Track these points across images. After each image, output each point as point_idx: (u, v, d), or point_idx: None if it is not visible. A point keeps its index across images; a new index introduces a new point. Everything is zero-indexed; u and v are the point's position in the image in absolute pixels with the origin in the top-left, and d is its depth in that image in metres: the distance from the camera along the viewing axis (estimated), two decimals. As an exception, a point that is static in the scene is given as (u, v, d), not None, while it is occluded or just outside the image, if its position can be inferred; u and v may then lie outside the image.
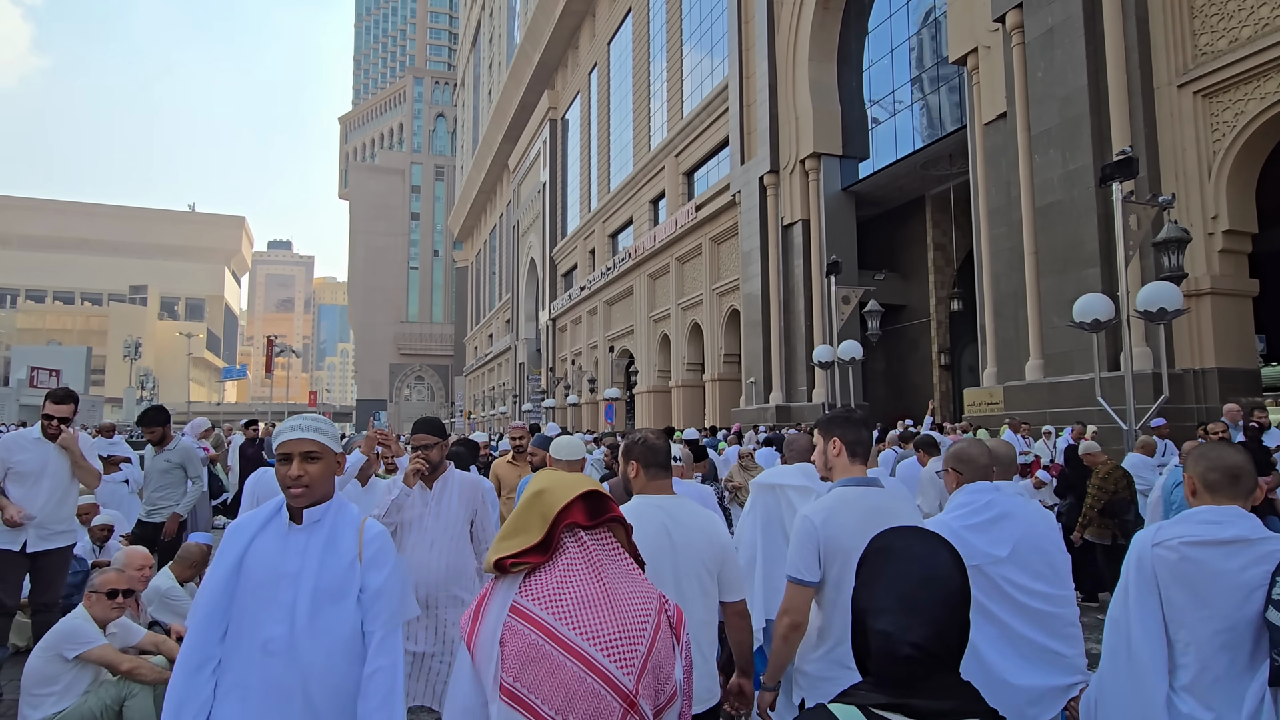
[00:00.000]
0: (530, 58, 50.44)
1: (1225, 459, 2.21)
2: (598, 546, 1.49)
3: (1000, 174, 14.99)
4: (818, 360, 12.96)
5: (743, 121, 24.44)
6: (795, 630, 2.41)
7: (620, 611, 1.41)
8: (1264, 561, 2.09)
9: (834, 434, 2.62)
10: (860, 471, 2.58)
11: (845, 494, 2.49)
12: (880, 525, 1.67)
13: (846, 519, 2.41)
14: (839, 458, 2.60)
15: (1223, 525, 2.13)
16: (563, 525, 1.47)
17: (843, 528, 2.39)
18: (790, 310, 22.29)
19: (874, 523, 2.12)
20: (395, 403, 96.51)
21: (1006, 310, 14.85)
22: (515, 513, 1.53)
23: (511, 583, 1.47)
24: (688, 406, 29.69)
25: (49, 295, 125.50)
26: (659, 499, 2.47)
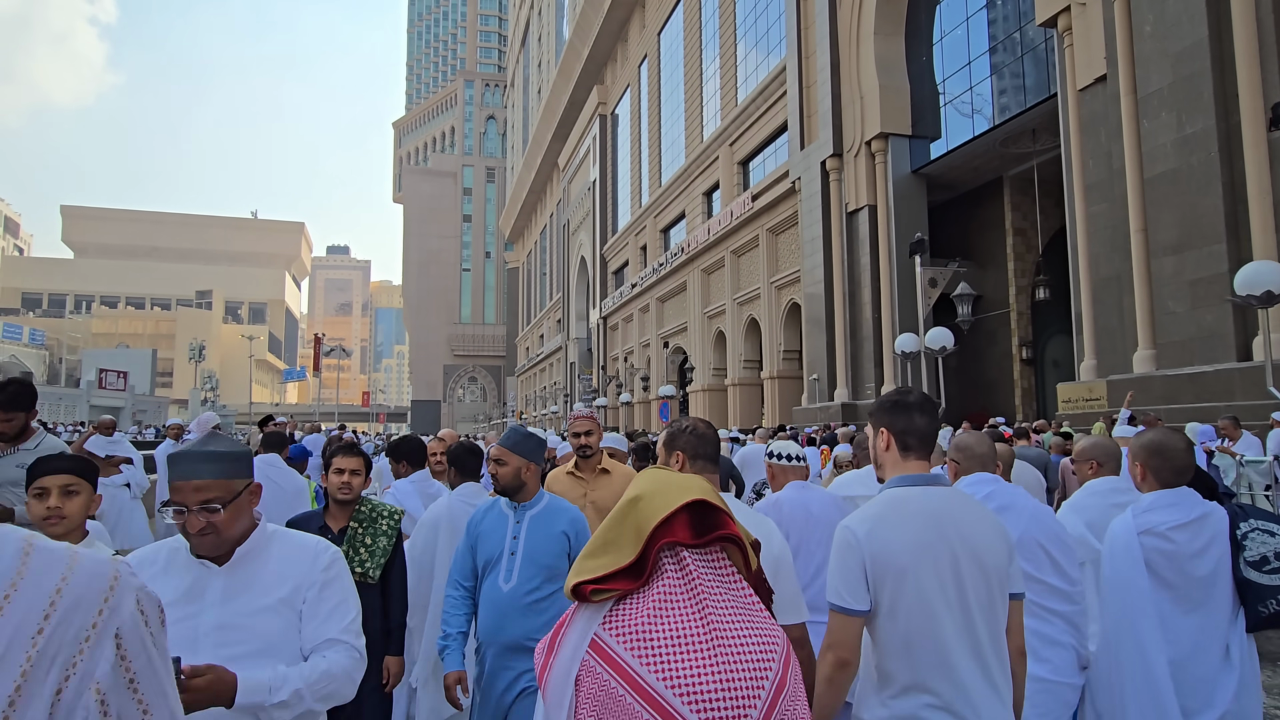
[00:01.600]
0: (579, 53, 49.80)
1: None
2: (706, 571, 1.26)
3: (1099, 144, 13.47)
4: (901, 350, 11.70)
5: (802, 104, 23.13)
6: (842, 670, 1.93)
7: (726, 659, 1.16)
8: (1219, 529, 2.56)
9: (881, 422, 2.13)
10: (916, 468, 2.05)
11: (896, 496, 2.00)
12: (943, 535, 1.86)
13: (898, 528, 1.92)
14: (888, 452, 2.11)
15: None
16: (661, 543, 1.26)
17: (894, 540, 1.91)
18: (856, 302, 20.92)
19: (933, 531, 1.89)
20: (449, 403, 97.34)
21: (1108, 296, 13.33)
22: (605, 523, 1.33)
23: (595, 612, 1.26)
24: (745, 405, 28.47)
25: (121, 301, 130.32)
26: None
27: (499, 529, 2.93)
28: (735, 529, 1.30)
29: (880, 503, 2.00)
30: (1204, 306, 11.09)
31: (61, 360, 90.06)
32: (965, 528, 1.92)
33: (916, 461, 2.06)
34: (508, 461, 2.93)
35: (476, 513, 3.06)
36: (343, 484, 3.10)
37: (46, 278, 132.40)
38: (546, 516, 2.93)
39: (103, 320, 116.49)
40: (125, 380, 54.76)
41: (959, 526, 1.92)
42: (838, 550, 1.98)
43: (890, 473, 2.10)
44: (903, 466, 2.07)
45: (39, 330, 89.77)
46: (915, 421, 2.05)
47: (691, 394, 32.29)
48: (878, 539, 1.91)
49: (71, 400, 50.65)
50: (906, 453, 2.06)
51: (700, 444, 2.23)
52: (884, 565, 1.90)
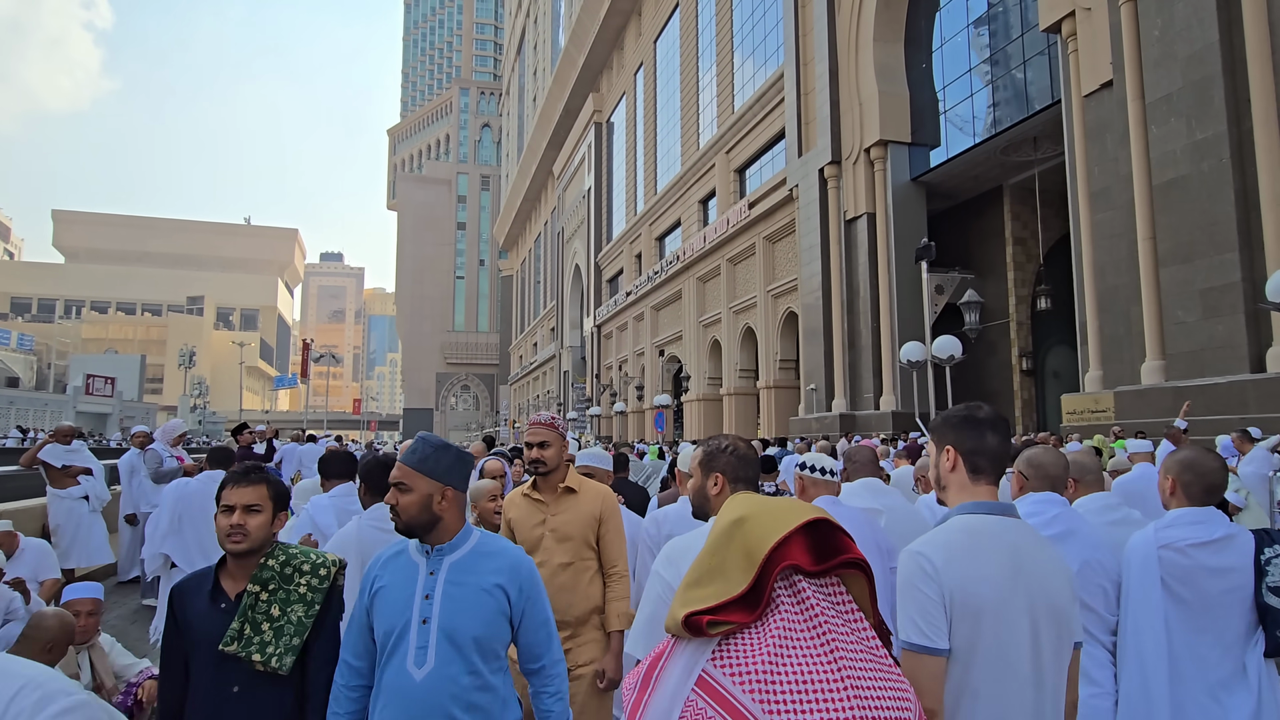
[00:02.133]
0: (575, 60, 49.64)
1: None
2: (825, 605, 1.14)
3: (1105, 151, 13.21)
4: (906, 359, 11.37)
5: (800, 111, 22.89)
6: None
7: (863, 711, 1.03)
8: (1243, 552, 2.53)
9: (947, 439, 1.89)
10: (986, 493, 1.85)
11: (969, 526, 1.77)
12: (1020, 574, 1.67)
13: (977, 562, 1.70)
14: (954, 473, 1.88)
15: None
16: (778, 570, 1.15)
17: (973, 574, 1.69)
18: (854, 311, 20.62)
19: (1011, 569, 1.69)
20: (441, 411, 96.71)
21: (1114, 306, 13.04)
22: (707, 548, 1.22)
23: (702, 646, 1.15)
24: (740, 415, 28.12)
25: (112, 306, 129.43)
26: None
27: (405, 585, 2.03)
28: (858, 552, 1.17)
29: (953, 530, 1.78)
30: (1216, 316, 10.80)
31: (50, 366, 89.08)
32: (1039, 567, 1.75)
33: (986, 486, 1.84)
34: (411, 486, 2.02)
35: (375, 562, 2.13)
36: (232, 527, 2.10)
37: (37, 282, 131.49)
38: (473, 564, 2.06)
39: (93, 325, 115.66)
40: (113, 386, 54.11)
41: (1034, 565, 1.74)
42: (910, 580, 1.73)
43: (956, 497, 1.87)
44: (971, 491, 1.84)
45: (28, 335, 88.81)
46: (988, 441, 1.83)
47: (687, 403, 31.92)
48: (957, 570, 1.70)
49: (58, 406, 49.93)
50: (977, 475, 1.83)
51: (741, 465, 2.01)
52: (963, 602, 1.68)
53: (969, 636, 1.68)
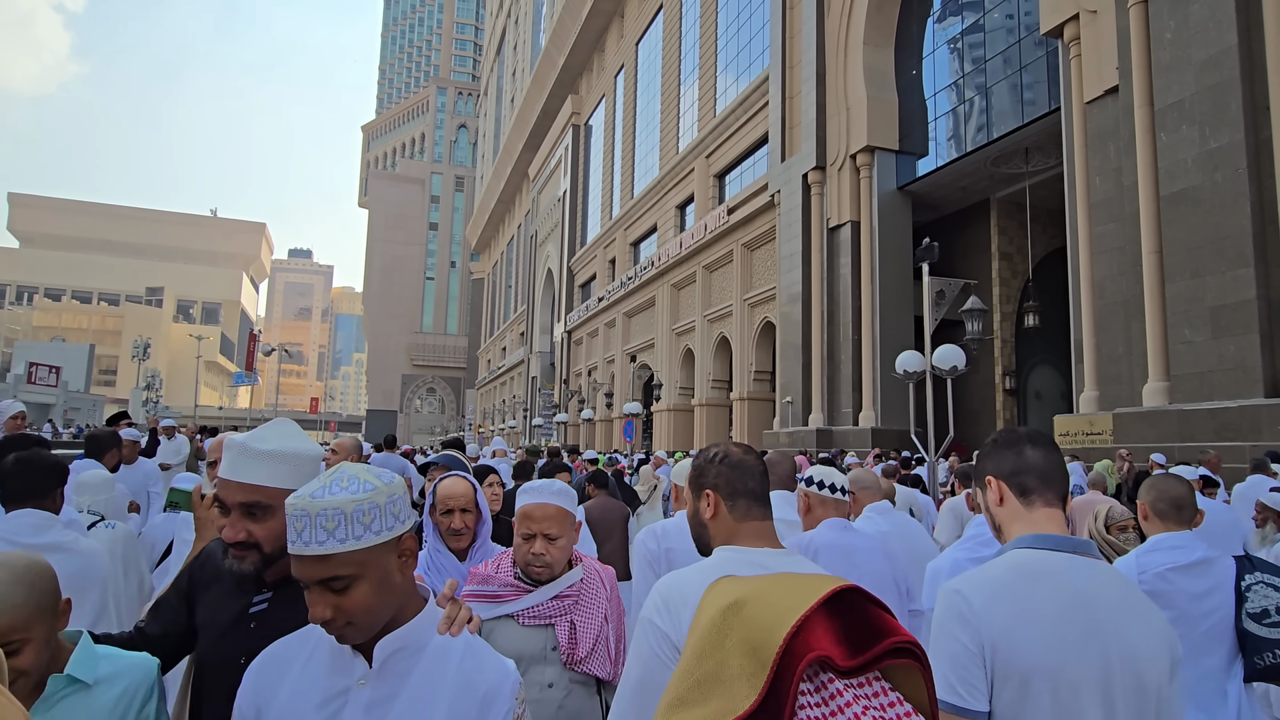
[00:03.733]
0: (555, 61, 48.74)
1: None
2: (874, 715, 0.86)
3: (1108, 160, 12.56)
4: (903, 370, 10.51)
5: (784, 115, 22.17)
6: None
7: None
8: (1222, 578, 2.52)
9: (986, 471, 1.59)
10: (1047, 520, 1.49)
11: (1024, 561, 1.43)
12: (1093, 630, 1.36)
13: (1030, 607, 1.36)
14: (1003, 505, 1.55)
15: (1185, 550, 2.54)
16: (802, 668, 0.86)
17: (1023, 621, 1.35)
18: (835, 322, 19.86)
19: (1080, 622, 1.35)
20: (406, 414, 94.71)
21: (1114, 323, 12.35)
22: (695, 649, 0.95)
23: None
24: (711, 427, 27.22)
25: (67, 294, 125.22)
26: (759, 555, 1.49)
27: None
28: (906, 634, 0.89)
29: (1004, 566, 1.45)
30: (1227, 335, 10.11)
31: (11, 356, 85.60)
32: (1123, 622, 1.37)
33: (1045, 509, 1.53)
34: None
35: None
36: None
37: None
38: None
39: (44, 313, 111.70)
40: (58, 376, 51.60)
41: (1115, 619, 1.37)
42: (945, 624, 1.42)
43: (1013, 530, 1.54)
44: (1028, 519, 1.53)
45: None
46: (1028, 456, 1.56)
47: (657, 413, 30.97)
48: (1001, 615, 1.37)
49: (-5, 395, 47.49)
50: (1028, 497, 1.54)
51: (738, 476, 1.59)
52: (1008, 658, 1.34)
53: (1013, 703, 1.34)
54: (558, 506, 2.14)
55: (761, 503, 1.59)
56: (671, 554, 2.67)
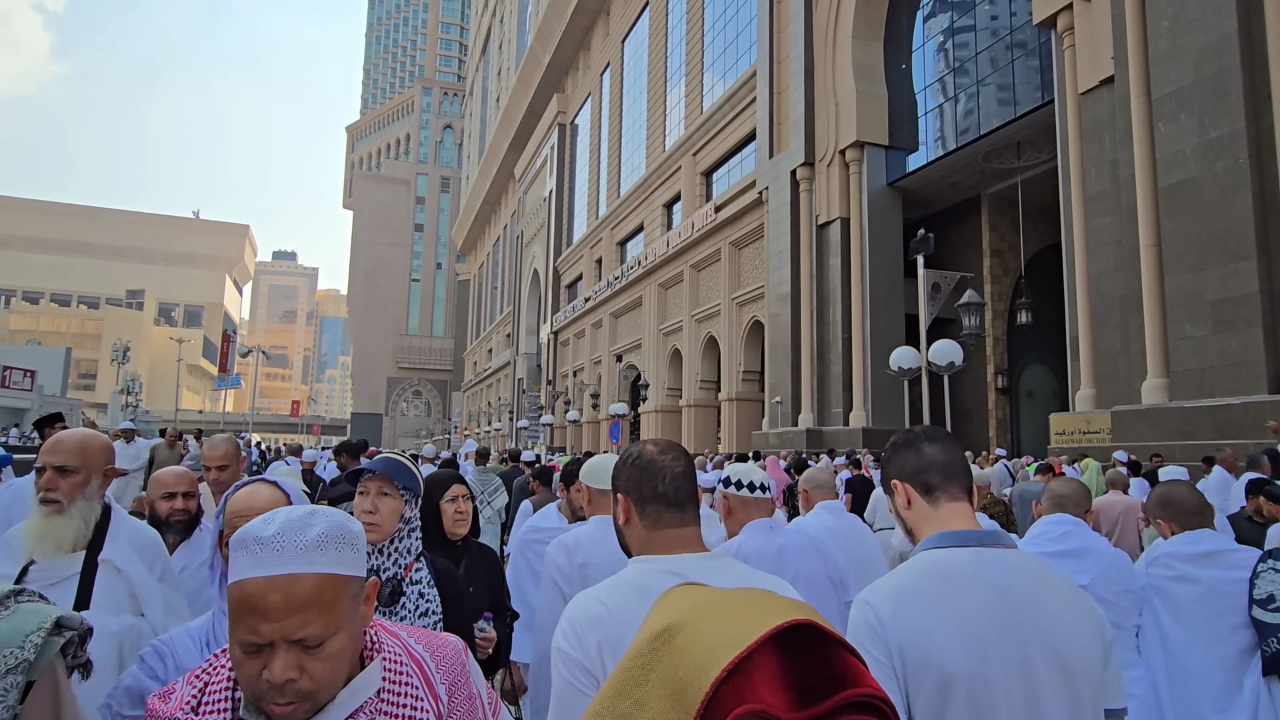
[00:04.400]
0: (540, 60, 48.29)
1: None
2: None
3: (1103, 152, 12.29)
4: (898, 366, 10.16)
5: (773, 111, 21.84)
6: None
7: None
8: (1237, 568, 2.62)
9: (890, 474, 1.55)
10: (954, 516, 1.44)
11: (933, 562, 1.39)
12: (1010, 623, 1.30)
13: (941, 610, 1.32)
14: (910, 508, 1.51)
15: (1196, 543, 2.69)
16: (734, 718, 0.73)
17: (934, 627, 1.30)
18: (824, 320, 19.54)
19: (995, 616, 1.30)
20: (391, 417, 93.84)
21: (1111, 319, 12.07)
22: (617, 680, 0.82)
23: None
24: (700, 428, 26.86)
25: (45, 297, 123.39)
26: (675, 562, 1.39)
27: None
28: (874, 681, 0.76)
29: (912, 570, 1.37)
30: (1229, 330, 9.83)
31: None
32: (1042, 611, 1.32)
33: (950, 504, 1.45)
34: None
35: None
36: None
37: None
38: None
39: (22, 316, 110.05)
40: (33, 380, 50.58)
41: (1033, 609, 1.31)
42: (854, 634, 1.35)
43: (925, 530, 1.46)
44: (936, 518, 1.45)
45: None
46: (925, 453, 1.49)
47: (644, 414, 30.58)
48: (909, 624, 1.30)
49: (-32, 399, 46.39)
50: (931, 495, 1.46)
51: (646, 479, 1.43)
52: (921, 666, 1.28)
53: (935, 711, 1.27)
54: (320, 577, 1.00)
55: (674, 507, 1.44)
56: (587, 569, 2.34)
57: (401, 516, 1.97)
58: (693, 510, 1.45)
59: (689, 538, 1.44)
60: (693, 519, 1.45)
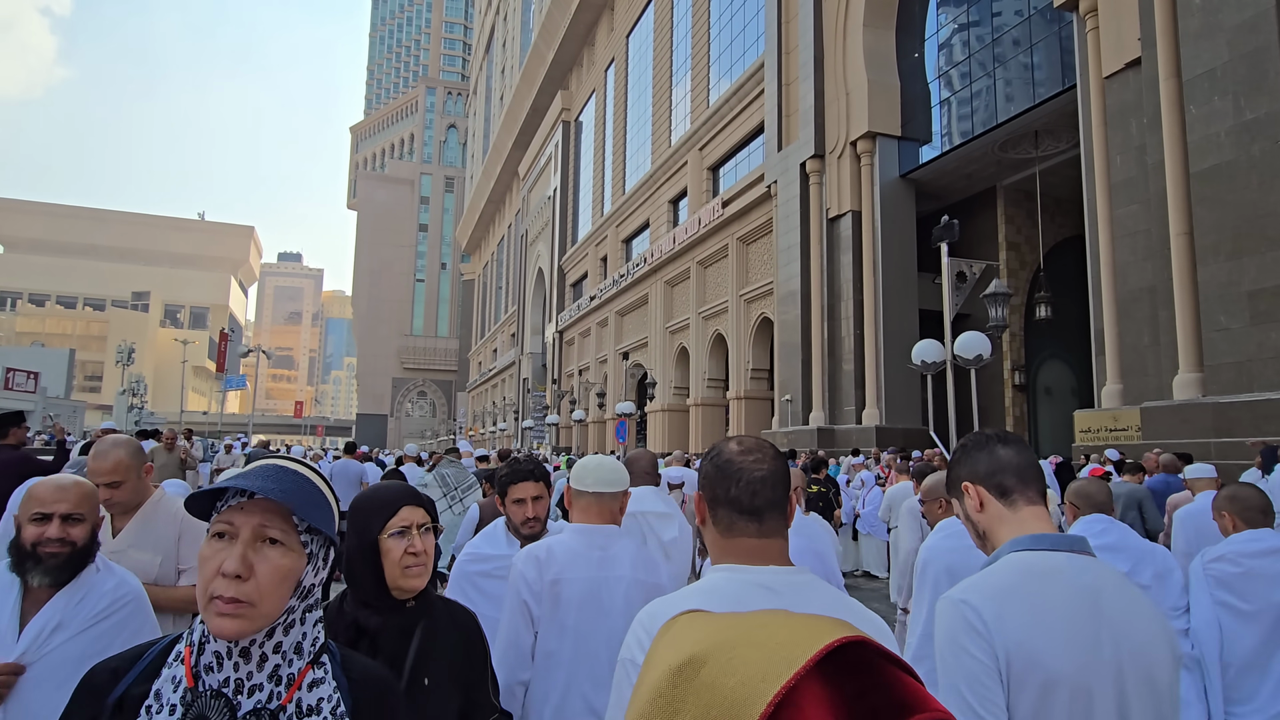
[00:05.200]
0: (544, 56, 47.90)
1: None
2: None
3: (1129, 138, 11.79)
4: (921, 361, 9.70)
5: (781, 102, 21.37)
6: None
7: None
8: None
9: (960, 478, 1.54)
10: (1034, 519, 1.44)
11: (1034, 564, 1.37)
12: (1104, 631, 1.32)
13: (1051, 613, 1.31)
14: (983, 511, 1.50)
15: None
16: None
17: (1044, 630, 1.30)
18: (835, 316, 19.06)
19: (1092, 623, 1.31)
20: (396, 418, 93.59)
21: (1138, 311, 11.57)
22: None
23: None
24: (707, 427, 26.40)
25: (51, 299, 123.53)
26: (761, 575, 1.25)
27: None
28: (939, 704, 0.68)
29: (1009, 571, 1.36)
30: (1268, 321, 9.34)
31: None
32: (1129, 620, 1.32)
33: (1029, 508, 1.44)
34: None
35: None
36: None
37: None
38: None
39: (28, 318, 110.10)
40: (36, 381, 50.40)
41: (1125, 619, 1.32)
42: (954, 636, 1.32)
43: (1002, 534, 1.44)
44: (1015, 521, 1.43)
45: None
46: (999, 455, 1.48)
47: (650, 414, 30.13)
48: (1015, 622, 1.30)
49: (-28, 401, 46.25)
50: (1009, 497, 1.45)
51: (720, 479, 1.31)
52: (1026, 669, 1.28)
53: (1034, 712, 1.28)
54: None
55: (749, 515, 1.28)
56: (559, 586, 2.08)
57: (298, 586, 1.05)
58: (774, 520, 1.28)
59: (772, 550, 1.27)
60: (774, 530, 1.29)
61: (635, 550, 2.17)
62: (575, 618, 2.05)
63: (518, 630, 2.06)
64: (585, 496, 2.20)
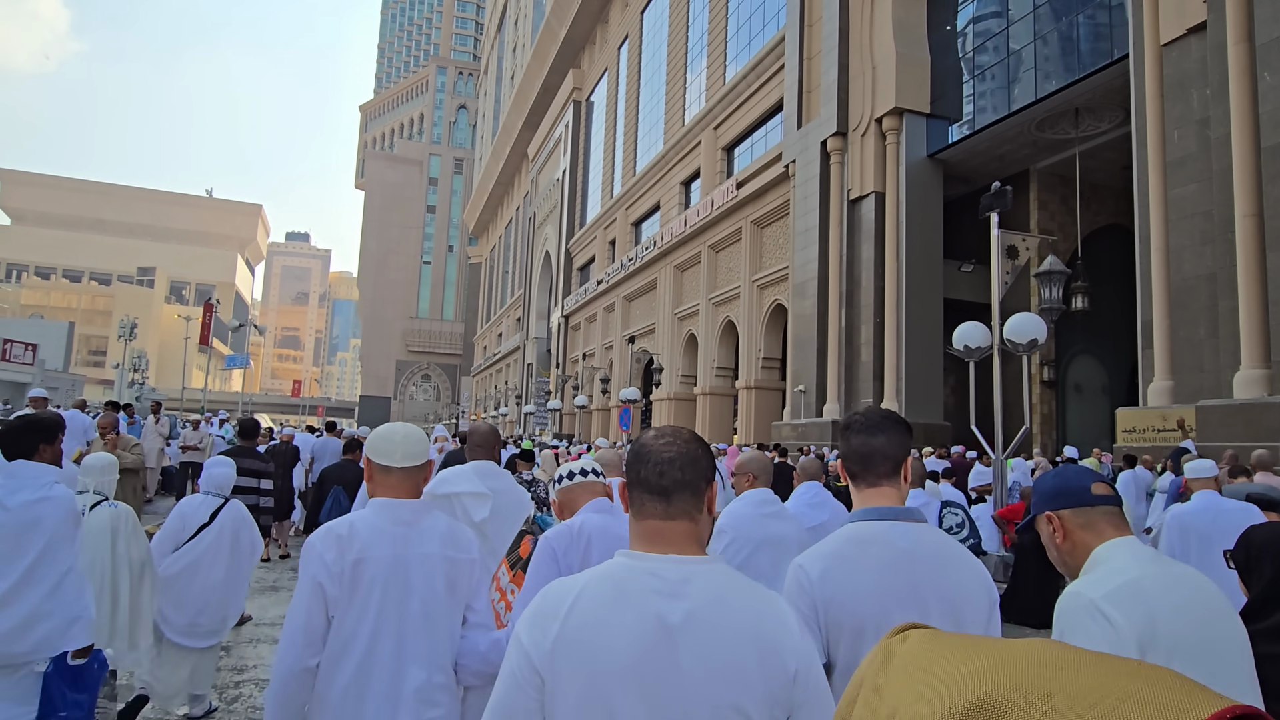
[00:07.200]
0: (556, 34, 46.76)
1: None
2: None
3: (1189, 111, 10.78)
4: (964, 346, 8.77)
5: (802, 78, 20.33)
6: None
7: None
8: None
9: (840, 452, 1.82)
10: (877, 497, 1.69)
11: (854, 533, 1.65)
12: (913, 582, 1.56)
13: (858, 571, 1.58)
14: (849, 484, 1.79)
15: None
16: None
17: (852, 584, 1.57)
18: (854, 303, 18.10)
19: (902, 576, 1.57)
20: (400, 400, 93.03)
21: (1194, 301, 10.59)
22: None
23: None
24: (715, 418, 25.50)
25: (57, 273, 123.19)
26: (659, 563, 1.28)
27: None
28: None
29: (838, 539, 1.66)
30: (1352, 313, 8.37)
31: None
32: (941, 573, 1.59)
33: (870, 490, 1.71)
34: None
35: None
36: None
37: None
38: None
39: (33, 291, 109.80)
40: (34, 353, 49.70)
41: (933, 572, 1.59)
42: (787, 593, 1.62)
43: (856, 505, 1.75)
44: (862, 496, 1.73)
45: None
46: (851, 443, 1.74)
47: (656, 402, 29.25)
48: (833, 582, 1.58)
49: (-33, 372, 45.63)
50: (855, 480, 1.74)
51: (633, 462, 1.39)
52: (840, 616, 1.57)
53: (849, 654, 1.53)
54: None
55: (658, 495, 1.30)
56: (361, 566, 1.98)
57: None
58: (683, 501, 1.29)
59: (677, 533, 1.28)
60: (682, 511, 1.29)
61: (445, 525, 2.11)
62: (379, 597, 1.96)
63: (310, 613, 1.94)
64: (393, 473, 2.08)
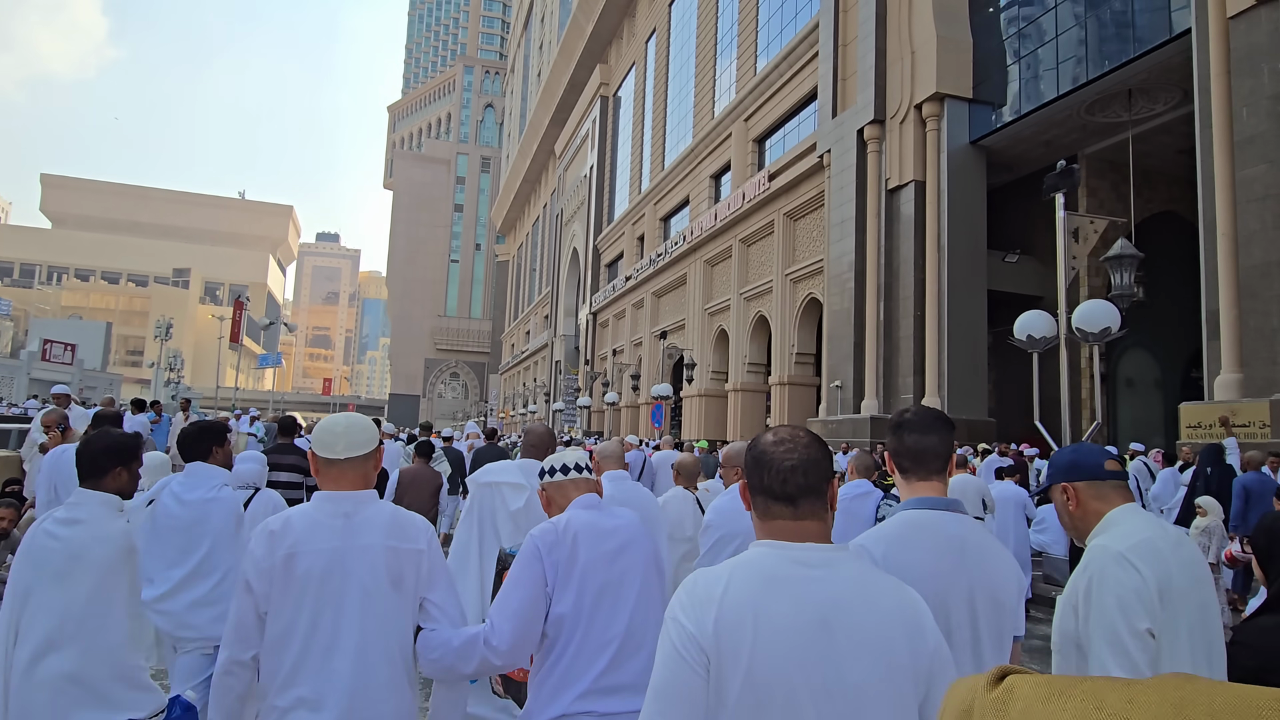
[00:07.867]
0: (583, 29, 46.45)
1: None
2: None
3: (1260, 86, 10.13)
4: (1026, 335, 8.26)
5: (837, 65, 19.76)
6: None
7: None
8: None
9: (887, 447, 1.99)
10: (926, 489, 1.87)
11: (910, 520, 1.82)
12: (963, 565, 1.75)
13: (916, 552, 1.75)
14: (895, 475, 1.97)
15: None
16: None
17: (912, 564, 1.70)
18: (893, 296, 17.54)
19: (954, 559, 1.76)
20: (429, 398, 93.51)
21: (1265, 289, 9.95)
22: None
23: None
24: (747, 414, 25.02)
25: (96, 274, 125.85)
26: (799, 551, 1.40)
27: None
28: None
29: (896, 524, 1.83)
30: None
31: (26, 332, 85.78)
32: (984, 560, 1.78)
33: (921, 483, 1.89)
34: None
35: None
36: None
37: (20, 247, 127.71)
38: None
39: (73, 293, 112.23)
40: (73, 353, 50.68)
41: (977, 556, 1.78)
42: None
43: (904, 496, 1.94)
44: (911, 489, 1.91)
45: (5, 299, 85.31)
46: (904, 441, 1.90)
47: (686, 398, 28.83)
48: (895, 562, 1.71)
49: (9, 372, 46.58)
50: (905, 475, 1.92)
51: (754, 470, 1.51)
52: None
53: None
54: None
55: (783, 501, 1.41)
56: (294, 560, 1.98)
57: None
58: (809, 504, 1.41)
59: (810, 530, 1.41)
60: (810, 512, 1.41)
61: (389, 515, 2.10)
62: (316, 590, 1.96)
63: (240, 609, 2.02)
64: (337, 465, 2.09)
